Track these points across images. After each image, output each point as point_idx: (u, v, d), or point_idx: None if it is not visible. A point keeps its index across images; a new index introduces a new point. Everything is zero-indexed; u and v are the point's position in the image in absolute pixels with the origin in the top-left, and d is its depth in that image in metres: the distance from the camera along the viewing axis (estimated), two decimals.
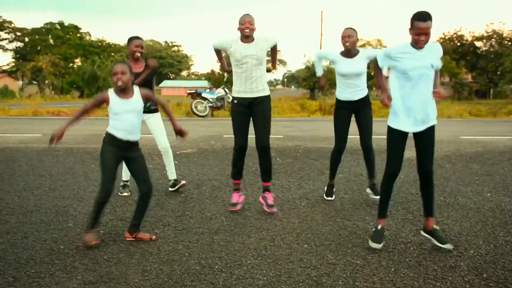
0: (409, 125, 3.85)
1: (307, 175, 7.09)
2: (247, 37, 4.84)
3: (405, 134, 3.90)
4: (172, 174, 6.03)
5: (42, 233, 4.44)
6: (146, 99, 4.14)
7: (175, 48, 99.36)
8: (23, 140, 10.91)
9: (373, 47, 63.63)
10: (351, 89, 5.27)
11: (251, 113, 4.94)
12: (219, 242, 4.22)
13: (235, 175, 5.18)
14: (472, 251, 3.99)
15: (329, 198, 5.60)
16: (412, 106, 3.81)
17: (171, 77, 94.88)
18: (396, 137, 3.90)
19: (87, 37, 75.37)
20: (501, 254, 3.93)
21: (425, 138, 3.90)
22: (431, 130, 3.90)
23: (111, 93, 4.01)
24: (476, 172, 7.25)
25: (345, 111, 5.36)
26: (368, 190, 5.53)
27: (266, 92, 4.95)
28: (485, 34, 56.99)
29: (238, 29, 4.87)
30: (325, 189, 5.72)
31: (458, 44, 58.71)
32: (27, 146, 9.96)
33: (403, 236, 4.33)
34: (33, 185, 6.37)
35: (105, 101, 4.00)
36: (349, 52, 5.26)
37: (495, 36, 56.26)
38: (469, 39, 58.30)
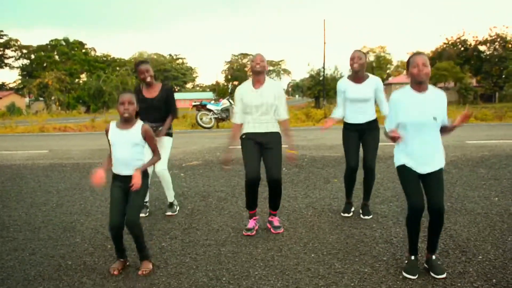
0: (414, 166, 3.71)
1: (313, 184, 7.07)
2: (257, 74, 4.82)
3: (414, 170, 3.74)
4: (169, 197, 5.72)
5: (50, 249, 4.45)
6: (145, 136, 3.86)
7: (180, 61, 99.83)
8: (30, 157, 10.97)
9: (377, 54, 63.81)
10: (360, 113, 5.21)
11: (261, 148, 4.82)
12: (226, 253, 4.22)
13: (250, 205, 4.96)
14: (480, 257, 3.96)
15: (346, 215, 5.40)
16: (414, 153, 3.68)
17: (176, 90, 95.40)
18: (407, 172, 3.73)
19: (92, 53, 75.88)
20: (510, 259, 3.90)
21: (432, 178, 3.69)
22: (438, 171, 3.71)
23: (112, 123, 3.91)
24: (483, 177, 7.21)
25: (352, 133, 5.27)
26: (360, 210, 5.40)
27: (275, 129, 4.85)
28: (489, 38, 57.01)
29: (251, 67, 4.86)
30: (343, 206, 5.55)
31: (462, 48, 58.77)
32: (33, 162, 10.01)
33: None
34: (40, 202, 6.40)
35: (107, 132, 3.89)
36: (357, 74, 5.17)
37: (498, 39, 56.27)
38: (473, 43, 58.34)
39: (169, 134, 5.56)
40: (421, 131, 3.64)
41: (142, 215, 5.49)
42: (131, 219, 3.79)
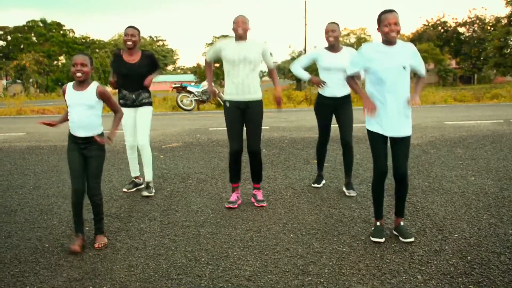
0: (385, 130, 3.82)
1: (293, 165, 7.08)
2: (240, 37, 4.79)
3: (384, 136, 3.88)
4: (147, 175, 5.57)
5: (26, 232, 4.39)
6: (100, 97, 3.86)
7: (160, 43, 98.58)
8: (6, 140, 10.78)
9: (357, 36, 63.82)
10: (336, 84, 5.21)
11: (244, 116, 4.88)
12: (205, 234, 4.20)
13: (233, 178, 5.08)
14: (456, 235, 4.01)
15: (316, 185, 5.68)
16: (387, 113, 3.77)
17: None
18: (376, 138, 3.87)
19: (71, 34, 74.37)
20: (485, 236, 3.96)
21: (400, 146, 3.86)
22: (406, 139, 3.85)
23: (69, 85, 3.92)
24: (460, 157, 7.29)
25: (326, 107, 5.36)
26: (344, 188, 5.47)
27: (258, 95, 4.88)
28: (468, 20, 57.38)
29: (232, 29, 4.82)
30: (314, 178, 5.82)
31: (442, 30, 59.08)
32: (10, 145, 9.84)
33: (388, 222, 4.34)
34: (17, 184, 6.30)
35: (64, 92, 3.91)
36: (333, 47, 5.26)
37: (477, 21, 56.70)
38: (452, 25, 58.68)
39: (149, 103, 5.52)
40: (390, 83, 3.73)
41: (124, 190, 5.69)
42: (92, 187, 3.91)
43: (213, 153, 8.22)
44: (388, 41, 3.75)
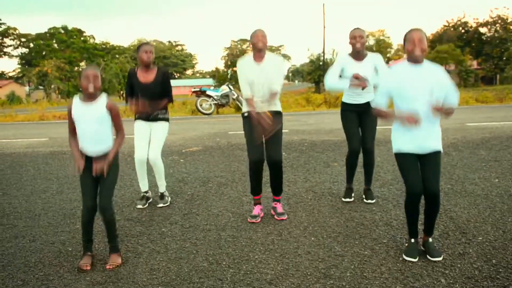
0: (413, 146, 3.65)
1: (313, 168, 7.06)
2: (259, 51, 4.73)
3: (413, 154, 3.69)
4: (160, 187, 5.52)
5: (50, 236, 4.46)
6: (109, 111, 3.72)
7: (179, 47, 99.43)
8: (30, 145, 10.96)
9: (377, 38, 63.42)
10: (359, 92, 5.08)
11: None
12: (226, 238, 4.22)
13: (254, 190, 4.92)
14: (480, 238, 3.96)
15: (347, 200, 5.32)
16: (411, 131, 3.60)
17: (176, 77, 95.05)
18: (405, 157, 3.69)
19: (91, 40, 75.41)
20: (510, 239, 3.90)
21: (429, 162, 3.66)
22: (436, 154, 3.67)
23: (75, 97, 3.78)
24: (483, 159, 7.19)
25: (351, 114, 5.19)
26: (363, 195, 5.35)
27: (277, 107, 4.79)
28: (490, 20, 56.64)
29: (250, 43, 4.78)
30: (344, 191, 5.48)
31: (463, 31, 58.37)
32: (33, 150, 10.00)
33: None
34: (40, 189, 6.40)
35: (71, 110, 3.75)
36: (358, 53, 5.05)
37: (499, 21, 55.93)
38: (473, 25, 57.97)
39: (165, 119, 5.41)
40: (417, 105, 3.56)
41: (139, 206, 5.37)
42: (104, 202, 3.73)
43: (233, 156, 8.24)
44: (414, 59, 3.58)
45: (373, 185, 5.53)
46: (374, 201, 5.20)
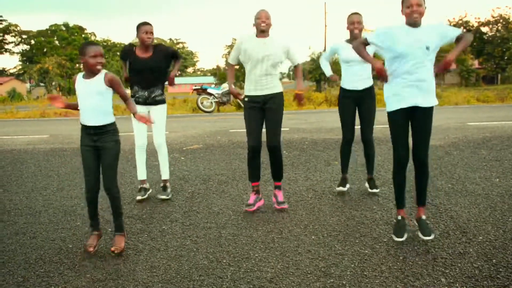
0: (403, 100, 3.75)
1: (314, 166, 7.06)
2: (263, 32, 4.73)
3: (404, 114, 3.80)
4: (164, 174, 5.61)
5: (51, 233, 4.46)
6: (110, 84, 3.80)
7: (180, 45, 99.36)
8: (31, 142, 10.97)
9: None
10: (356, 77, 5.13)
11: (263, 112, 4.82)
12: (227, 236, 4.22)
13: (251, 176, 5.01)
14: (481, 237, 3.95)
15: (341, 188, 5.46)
16: (407, 85, 3.73)
17: (177, 74, 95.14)
18: (397, 121, 3.82)
19: (92, 38, 75.52)
20: (511, 239, 3.89)
21: (421, 124, 3.80)
22: (428, 115, 3.79)
23: (79, 75, 3.89)
24: (484, 158, 7.19)
25: (349, 100, 5.24)
26: (366, 185, 5.46)
27: (278, 89, 4.81)
28: (491, 19, 56.52)
29: (254, 24, 4.78)
30: (338, 181, 5.63)
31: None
32: (34, 147, 10.00)
33: (411, 224, 4.29)
34: (41, 186, 6.40)
35: (74, 82, 3.90)
36: (356, 39, 4.98)
37: (501, 21, 55.80)
38: (475, 24, 57.84)
39: (162, 101, 5.44)
40: (412, 64, 3.68)
41: (138, 197, 5.45)
42: (108, 179, 3.88)
43: (233, 155, 8.24)
44: (412, 24, 3.69)
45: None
46: (378, 190, 5.27)
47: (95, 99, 3.79)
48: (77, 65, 66.96)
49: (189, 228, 4.48)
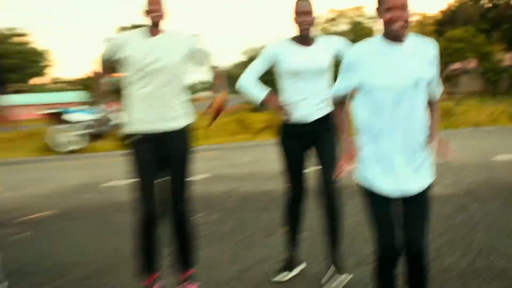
0: (389, 185, 3.77)
1: (246, 239, 7.05)
2: (156, 25, 4.88)
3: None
4: None
5: None
6: None
7: (21, 38, 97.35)
8: None
9: (351, 21, 65.06)
10: (307, 98, 5.08)
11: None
12: None
13: (146, 265, 4.94)
14: None
15: (283, 275, 5.49)
16: (391, 149, 3.74)
17: (20, 89, 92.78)
18: (376, 199, 3.82)
19: None
20: None
21: (414, 206, 3.84)
22: (424, 193, 3.83)
23: None
24: None
25: (294, 143, 5.25)
26: (328, 272, 5.30)
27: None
28: None
29: (145, 12, 4.85)
30: (281, 264, 5.63)
31: (488, 5, 59.59)
32: None
33: None
34: None
35: None
36: (306, 37, 5.13)
37: None
38: None
39: None
40: (395, 107, 3.68)
41: None
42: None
43: (113, 225, 8.13)
44: (393, 33, 3.66)
45: (345, 262, 5.49)
46: (348, 279, 5.17)
47: None
48: None
49: None
